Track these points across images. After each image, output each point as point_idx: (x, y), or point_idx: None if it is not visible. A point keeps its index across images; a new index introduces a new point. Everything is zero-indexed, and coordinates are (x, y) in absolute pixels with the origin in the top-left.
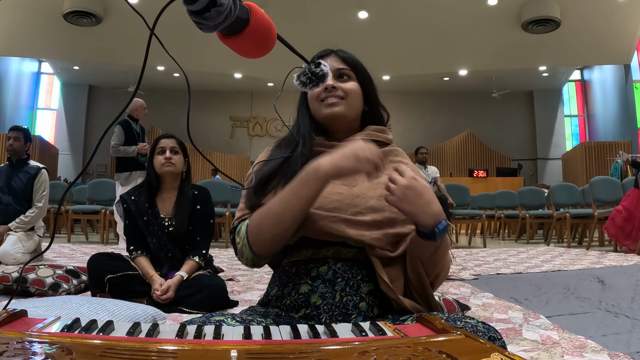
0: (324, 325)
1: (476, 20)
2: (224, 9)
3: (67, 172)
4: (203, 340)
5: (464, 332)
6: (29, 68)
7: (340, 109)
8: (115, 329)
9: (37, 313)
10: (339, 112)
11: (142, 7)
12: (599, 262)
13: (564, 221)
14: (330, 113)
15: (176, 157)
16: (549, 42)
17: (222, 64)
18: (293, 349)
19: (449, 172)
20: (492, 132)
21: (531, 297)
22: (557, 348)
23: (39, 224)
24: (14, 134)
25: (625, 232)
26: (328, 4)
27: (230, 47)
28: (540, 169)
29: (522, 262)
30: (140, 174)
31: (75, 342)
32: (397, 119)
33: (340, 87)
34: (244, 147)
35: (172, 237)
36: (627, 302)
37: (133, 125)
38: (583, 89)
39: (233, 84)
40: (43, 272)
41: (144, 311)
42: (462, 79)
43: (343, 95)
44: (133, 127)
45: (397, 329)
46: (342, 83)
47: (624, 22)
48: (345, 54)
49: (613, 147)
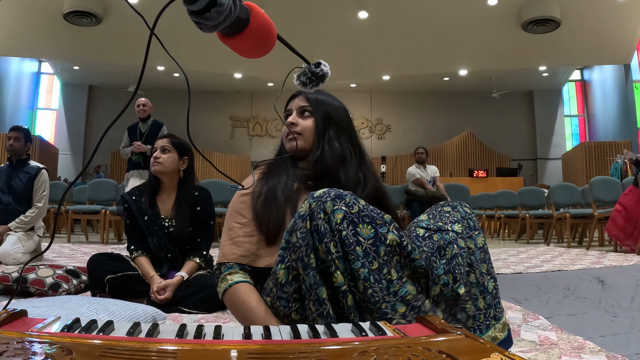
0: (324, 326)
1: (476, 20)
2: (224, 9)
3: (67, 172)
4: (203, 340)
5: (464, 332)
6: (29, 68)
7: (295, 143)
8: (115, 329)
9: (37, 313)
10: (293, 147)
11: (142, 7)
12: (599, 262)
13: (564, 221)
14: (291, 147)
15: (165, 156)
16: (549, 42)
17: (222, 64)
18: (293, 349)
19: (449, 172)
20: (492, 132)
21: (531, 297)
22: (554, 349)
23: (39, 224)
24: (14, 134)
25: (626, 233)
26: (328, 4)
27: (230, 47)
28: (540, 169)
29: (522, 262)
30: (133, 174)
31: (75, 342)
32: (397, 119)
33: (299, 123)
34: (244, 147)
35: (172, 237)
36: (627, 302)
37: (140, 125)
38: (583, 89)
39: (233, 84)
40: (43, 272)
41: (144, 311)
42: (462, 79)
43: (300, 131)
44: (139, 127)
45: (397, 329)
46: (301, 119)
47: (623, 22)
48: (311, 93)
49: (613, 147)
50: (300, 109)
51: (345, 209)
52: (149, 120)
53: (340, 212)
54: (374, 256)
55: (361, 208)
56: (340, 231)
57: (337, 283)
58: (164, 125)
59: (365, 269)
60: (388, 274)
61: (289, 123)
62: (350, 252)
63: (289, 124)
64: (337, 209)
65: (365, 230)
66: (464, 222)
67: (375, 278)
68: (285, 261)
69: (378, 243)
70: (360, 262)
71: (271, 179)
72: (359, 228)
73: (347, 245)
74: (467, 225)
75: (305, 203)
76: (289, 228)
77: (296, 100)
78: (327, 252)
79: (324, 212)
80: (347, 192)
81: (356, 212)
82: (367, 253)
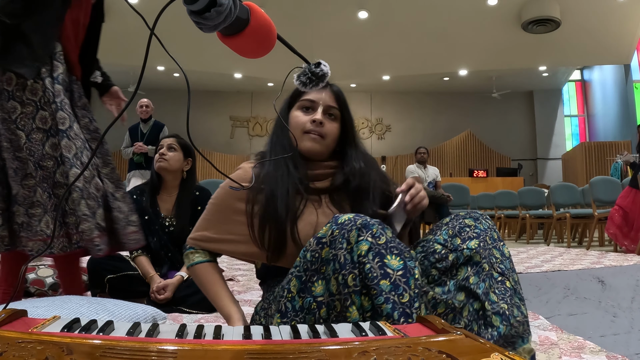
0: (323, 326)
1: (476, 20)
2: (224, 9)
3: None
4: (203, 340)
5: (464, 332)
6: None
7: (318, 147)
8: (115, 329)
9: (37, 313)
10: (314, 149)
11: (142, 7)
12: (599, 262)
13: (564, 221)
14: (310, 148)
15: (171, 154)
16: (549, 42)
17: (222, 64)
18: (293, 349)
19: (449, 172)
20: (492, 132)
21: (531, 297)
22: (555, 349)
23: None
24: None
25: (623, 232)
26: (328, 4)
27: (230, 47)
28: (540, 169)
29: (522, 262)
30: (135, 174)
31: (75, 342)
32: (397, 119)
33: (325, 125)
34: (244, 147)
35: (173, 237)
36: (627, 302)
37: (141, 126)
38: (583, 89)
39: (233, 84)
40: (43, 272)
41: (144, 311)
42: (462, 79)
43: (324, 134)
44: (140, 128)
45: (397, 329)
46: (327, 121)
47: (624, 22)
48: (338, 90)
49: (613, 147)
50: (328, 108)
51: (371, 239)
52: (150, 121)
53: (366, 243)
54: (405, 288)
55: (388, 239)
56: (364, 264)
57: (351, 318)
58: (165, 126)
59: (389, 304)
60: (418, 309)
61: (317, 120)
62: (373, 286)
63: (317, 121)
64: (362, 239)
65: (394, 261)
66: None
67: (400, 313)
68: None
69: (408, 275)
70: (383, 297)
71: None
72: (386, 259)
73: (369, 279)
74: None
75: (327, 228)
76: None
77: (324, 94)
78: (343, 285)
79: (347, 242)
80: (375, 221)
81: (383, 243)
82: (397, 285)
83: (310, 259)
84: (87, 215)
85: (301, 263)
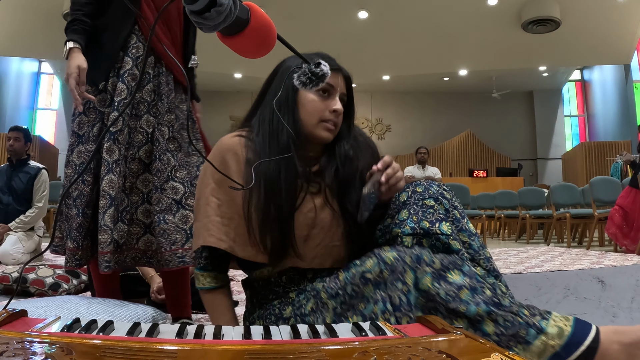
0: (323, 326)
1: (476, 20)
2: (224, 9)
3: None
4: (203, 340)
5: (464, 332)
6: (29, 68)
7: (331, 137)
8: (115, 329)
9: (37, 313)
10: (328, 140)
11: None
12: (599, 262)
13: (564, 221)
14: (326, 138)
15: None
16: (549, 42)
17: (222, 64)
18: (293, 349)
19: (449, 172)
20: (492, 132)
21: (531, 297)
22: None
23: (39, 224)
24: (14, 134)
25: (623, 232)
26: (328, 4)
27: (230, 47)
28: (540, 169)
29: (522, 262)
30: None
31: (75, 342)
32: (397, 119)
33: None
34: None
35: None
36: (627, 302)
37: None
38: (583, 89)
39: (233, 84)
40: (43, 272)
41: (144, 311)
42: (462, 79)
43: (339, 125)
44: None
45: (397, 329)
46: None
47: (624, 22)
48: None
49: (613, 147)
50: (342, 95)
51: (429, 269)
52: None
53: (428, 275)
54: (481, 285)
55: (441, 258)
56: (438, 294)
57: None
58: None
59: (483, 305)
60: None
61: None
62: (457, 305)
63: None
64: (421, 276)
65: (455, 276)
66: (451, 215)
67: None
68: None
69: (472, 275)
70: (473, 305)
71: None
72: (450, 278)
73: (450, 301)
74: (454, 217)
75: (372, 264)
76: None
77: (340, 79)
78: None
79: (403, 283)
80: (424, 251)
81: (439, 267)
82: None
83: (350, 293)
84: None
85: (336, 293)
